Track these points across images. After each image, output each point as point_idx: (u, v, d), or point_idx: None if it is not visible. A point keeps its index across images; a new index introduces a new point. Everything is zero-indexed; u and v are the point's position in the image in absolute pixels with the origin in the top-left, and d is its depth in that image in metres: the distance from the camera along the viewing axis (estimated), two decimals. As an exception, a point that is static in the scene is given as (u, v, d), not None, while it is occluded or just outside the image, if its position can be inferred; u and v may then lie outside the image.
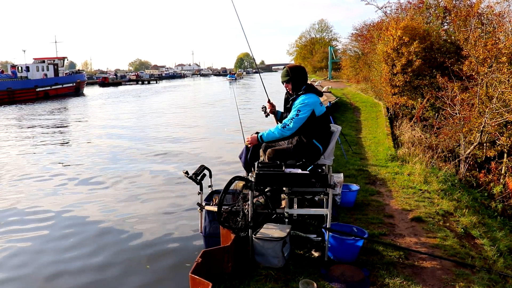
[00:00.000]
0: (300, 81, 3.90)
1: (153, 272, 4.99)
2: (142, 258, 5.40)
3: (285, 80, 3.96)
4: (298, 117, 3.73)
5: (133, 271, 5.09)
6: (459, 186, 6.76)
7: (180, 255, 5.43)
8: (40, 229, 6.45)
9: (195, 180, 3.91)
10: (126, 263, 5.30)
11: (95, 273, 5.05)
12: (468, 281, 3.32)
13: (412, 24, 12.55)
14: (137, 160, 11.10)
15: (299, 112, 3.73)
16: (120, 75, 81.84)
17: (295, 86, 3.90)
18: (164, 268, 5.10)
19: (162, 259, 5.33)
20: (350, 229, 3.79)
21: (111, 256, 5.48)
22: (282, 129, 3.76)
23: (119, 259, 5.41)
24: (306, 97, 3.78)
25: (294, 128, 3.74)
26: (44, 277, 4.99)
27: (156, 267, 5.13)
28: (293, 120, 3.73)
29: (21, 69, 40.39)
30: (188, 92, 46.39)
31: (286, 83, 3.96)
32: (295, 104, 3.81)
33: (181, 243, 5.81)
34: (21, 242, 6.01)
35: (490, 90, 8.63)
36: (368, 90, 22.24)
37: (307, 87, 3.89)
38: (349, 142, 9.22)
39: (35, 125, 19.63)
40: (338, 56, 47.22)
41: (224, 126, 17.32)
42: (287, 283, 3.19)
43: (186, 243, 5.79)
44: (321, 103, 3.90)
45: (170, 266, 5.14)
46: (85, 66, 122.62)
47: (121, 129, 17.20)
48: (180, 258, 5.33)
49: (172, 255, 5.44)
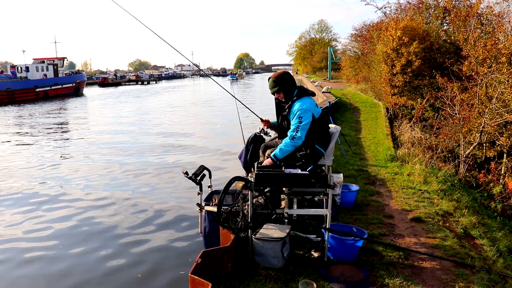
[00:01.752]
0: (290, 87, 3.83)
1: (152, 272, 4.99)
2: (141, 258, 5.40)
3: (275, 91, 3.88)
4: (302, 124, 3.69)
5: (133, 271, 5.09)
6: (459, 186, 6.76)
7: (180, 255, 5.43)
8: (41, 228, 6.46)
9: (195, 180, 3.91)
10: (125, 263, 5.30)
11: (89, 274, 5.04)
12: (468, 281, 3.32)
13: (411, 25, 12.56)
14: (137, 160, 11.10)
15: (301, 119, 3.69)
16: (120, 76, 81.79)
17: (287, 94, 3.84)
18: (164, 268, 5.10)
19: (162, 259, 5.33)
20: (349, 230, 3.79)
21: (110, 256, 5.48)
22: (292, 141, 3.70)
23: (117, 258, 5.41)
24: (303, 103, 3.74)
25: (302, 136, 3.70)
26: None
27: (156, 267, 5.13)
28: (299, 128, 3.69)
29: (20, 70, 40.36)
30: (187, 93, 46.38)
31: (277, 93, 3.88)
32: (293, 112, 3.77)
33: (181, 243, 5.81)
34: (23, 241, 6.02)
35: (490, 90, 8.64)
36: (368, 90, 22.23)
37: (299, 90, 3.84)
38: (348, 142, 9.22)
39: (34, 125, 19.62)
40: (337, 56, 47.22)
41: (224, 125, 17.33)
42: (287, 283, 3.19)
43: (186, 243, 5.79)
44: (316, 104, 3.89)
45: (170, 266, 5.14)
46: (85, 67, 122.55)
47: (121, 129, 17.20)
48: (180, 258, 5.33)
49: (172, 255, 5.44)
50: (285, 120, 3.90)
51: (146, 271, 5.04)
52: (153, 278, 4.88)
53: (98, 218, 6.86)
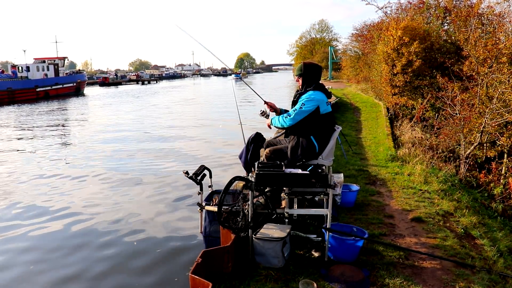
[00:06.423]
0: (311, 78, 3.94)
1: (152, 272, 5.00)
2: (141, 258, 5.40)
3: (297, 74, 4.02)
4: (301, 109, 3.78)
5: (133, 271, 5.09)
6: (459, 186, 6.75)
7: (180, 255, 5.43)
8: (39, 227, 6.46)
9: (195, 180, 3.91)
10: (125, 263, 5.30)
11: (90, 275, 5.05)
12: (468, 281, 3.32)
13: (412, 24, 12.54)
14: (137, 160, 11.11)
15: (303, 105, 3.78)
16: (121, 75, 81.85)
17: (305, 82, 3.95)
18: (164, 268, 5.10)
19: (162, 259, 5.34)
20: (350, 229, 3.79)
21: (109, 257, 5.48)
22: (285, 119, 3.85)
23: (118, 258, 5.42)
24: (313, 93, 3.82)
25: (295, 119, 3.80)
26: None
27: (156, 267, 5.13)
28: (296, 111, 3.79)
29: (21, 69, 40.39)
30: (188, 93, 46.38)
31: (298, 77, 4.03)
32: (301, 98, 3.86)
33: (181, 243, 5.81)
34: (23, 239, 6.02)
35: (490, 90, 8.63)
36: (368, 90, 22.24)
37: (317, 85, 3.92)
38: (349, 142, 9.22)
39: (34, 125, 19.63)
40: (338, 56, 47.23)
41: (225, 125, 17.34)
42: (287, 283, 3.19)
43: (186, 243, 5.79)
44: (327, 102, 3.92)
45: (169, 266, 5.14)
46: (85, 66, 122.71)
47: (121, 129, 17.20)
48: (180, 258, 5.33)
49: (172, 255, 5.44)
50: (294, 106, 3.98)
51: (146, 271, 5.04)
52: (153, 278, 4.88)
53: (97, 218, 6.86)
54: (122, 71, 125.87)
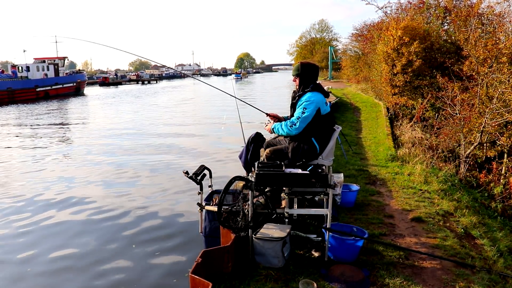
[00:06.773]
0: (308, 78, 3.93)
1: (153, 272, 4.99)
2: (141, 258, 5.40)
3: (294, 74, 4.02)
4: (304, 115, 3.76)
5: (132, 271, 5.09)
6: (459, 186, 6.75)
7: (179, 255, 5.43)
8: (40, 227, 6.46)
9: (195, 180, 3.91)
10: (124, 263, 5.30)
11: (90, 271, 5.05)
12: (468, 281, 3.32)
13: (412, 24, 12.54)
14: (137, 159, 11.11)
15: (305, 110, 3.76)
16: (121, 75, 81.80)
17: (302, 82, 3.94)
18: (164, 268, 5.10)
19: (162, 259, 5.33)
20: (350, 229, 3.79)
21: (108, 257, 5.48)
22: (289, 128, 3.83)
23: (117, 258, 5.41)
24: (312, 95, 3.81)
25: (300, 127, 3.80)
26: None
27: (155, 266, 5.13)
28: (300, 119, 3.78)
29: (21, 69, 40.38)
30: (188, 92, 46.38)
31: (295, 77, 4.02)
32: (301, 101, 3.84)
33: (181, 243, 5.81)
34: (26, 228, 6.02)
35: (490, 90, 8.63)
36: (368, 90, 22.24)
37: (315, 85, 3.90)
38: (349, 142, 9.22)
39: (34, 125, 19.63)
40: (338, 56, 47.25)
41: (225, 125, 17.32)
42: (287, 283, 3.19)
43: (185, 242, 5.79)
44: (326, 102, 3.92)
45: (169, 266, 5.14)
46: (85, 66, 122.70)
47: (121, 128, 17.20)
48: (180, 258, 5.33)
49: (172, 255, 5.44)
50: (293, 108, 3.98)
51: (146, 271, 5.04)
52: (153, 278, 4.88)
53: (96, 217, 6.86)
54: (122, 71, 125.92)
